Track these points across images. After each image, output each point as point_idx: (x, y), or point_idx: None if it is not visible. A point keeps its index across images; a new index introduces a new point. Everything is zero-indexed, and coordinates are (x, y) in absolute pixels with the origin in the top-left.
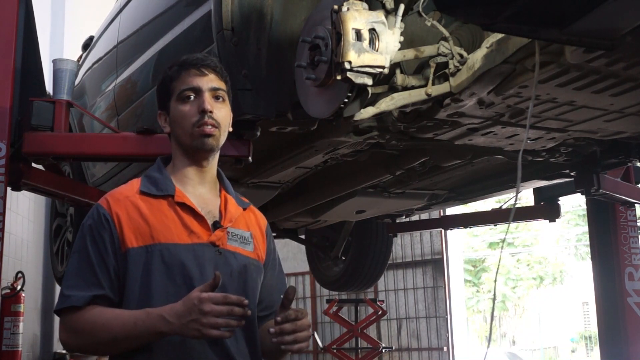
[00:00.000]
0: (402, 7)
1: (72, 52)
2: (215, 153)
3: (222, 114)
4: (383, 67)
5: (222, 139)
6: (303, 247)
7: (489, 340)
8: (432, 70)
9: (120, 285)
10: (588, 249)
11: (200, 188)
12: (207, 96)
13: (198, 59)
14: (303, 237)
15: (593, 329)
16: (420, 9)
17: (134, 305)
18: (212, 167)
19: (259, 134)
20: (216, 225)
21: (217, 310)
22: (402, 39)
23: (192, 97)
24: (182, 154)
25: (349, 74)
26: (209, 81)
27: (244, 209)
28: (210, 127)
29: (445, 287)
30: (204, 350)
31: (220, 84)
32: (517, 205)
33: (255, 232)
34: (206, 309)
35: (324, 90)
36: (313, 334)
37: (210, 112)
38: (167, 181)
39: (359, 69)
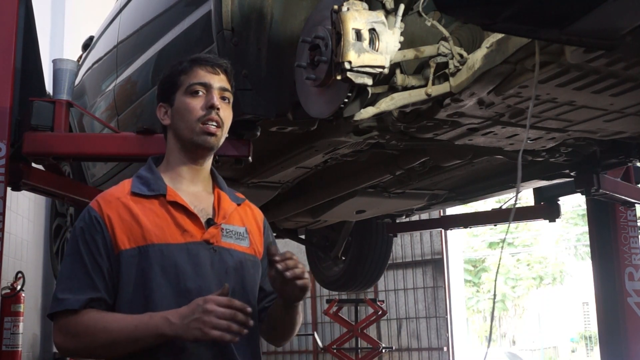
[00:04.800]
0: (402, 7)
1: (72, 52)
2: (213, 152)
3: (227, 114)
4: (383, 67)
5: (222, 139)
6: (303, 247)
7: (489, 340)
8: (432, 70)
9: (114, 288)
10: (588, 249)
11: (193, 186)
12: (216, 93)
13: (212, 57)
14: (303, 237)
15: (593, 329)
16: (420, 9)
17: (127, 308)
18: (206, 165)
19: (259, 134)
20: (210, 222)
21: (220, 311)
22: (402, 39)
23: (200, 93)
24: (179, 150)
25: (349, 74)
26: (220, 80)
27: (239, 205)
28: (214, 124)
29: (445, 287)
30: (204, 351)
31: (228, 86)
32: (517, 205)
33: (251, 227)
34: (209, 308)
35: (324, 90)
36: (313, 334)
37: (218, 109)
38: (159, 181)
39: (359, 69)
